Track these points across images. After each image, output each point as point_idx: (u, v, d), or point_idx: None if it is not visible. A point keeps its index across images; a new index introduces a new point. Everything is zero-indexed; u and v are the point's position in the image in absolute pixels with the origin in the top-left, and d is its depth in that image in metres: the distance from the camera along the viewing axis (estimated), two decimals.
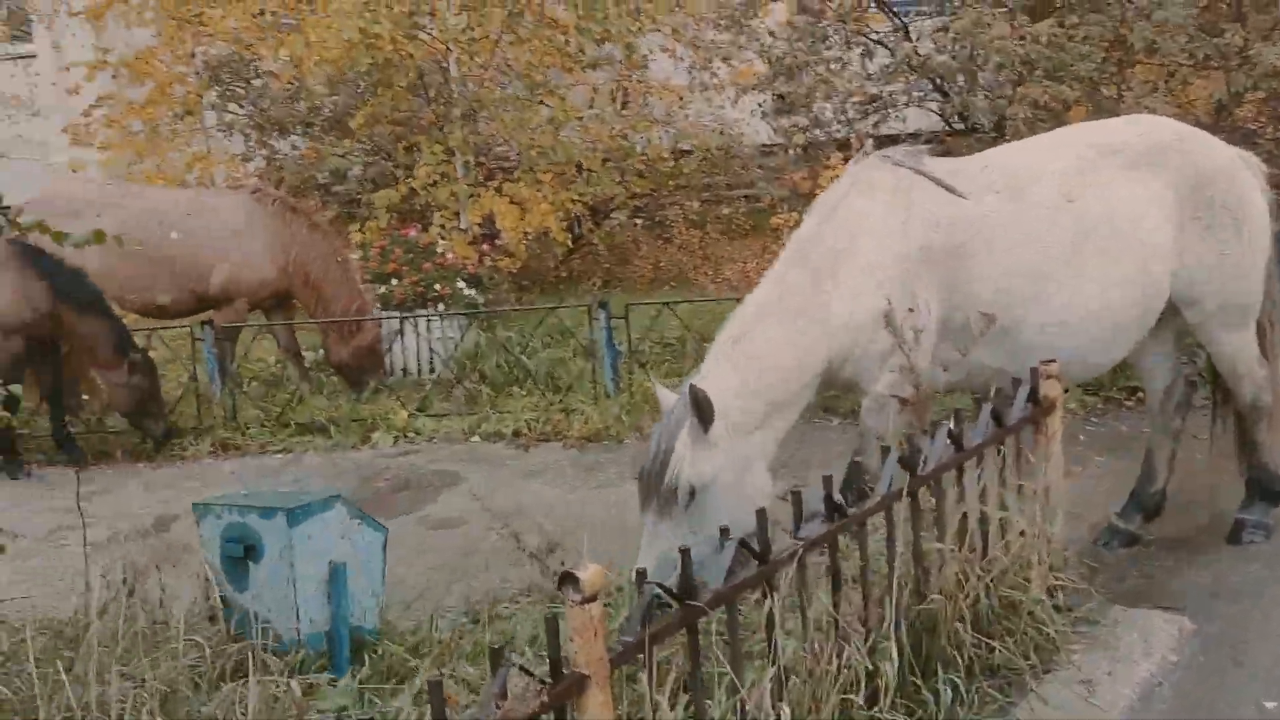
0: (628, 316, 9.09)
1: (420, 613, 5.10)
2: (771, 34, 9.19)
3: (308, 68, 10.91)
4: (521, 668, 2.62)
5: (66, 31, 15.25)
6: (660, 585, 2.96)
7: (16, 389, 5.88)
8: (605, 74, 13.30)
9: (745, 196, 12.90)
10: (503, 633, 4.49)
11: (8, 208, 14.90)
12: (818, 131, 9.97)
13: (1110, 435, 7.40)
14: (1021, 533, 4.37)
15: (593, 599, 2.71)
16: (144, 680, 3.90)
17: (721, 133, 12.92)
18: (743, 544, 3.25)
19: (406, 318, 9.74)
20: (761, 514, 3.34)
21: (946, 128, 9.71)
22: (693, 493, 4.32)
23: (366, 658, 4.44)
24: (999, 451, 4.39)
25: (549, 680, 2.64)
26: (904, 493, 3.80)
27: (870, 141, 10.10)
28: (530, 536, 5.90)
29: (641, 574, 2.97)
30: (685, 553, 3.09)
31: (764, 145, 11.74)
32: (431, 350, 9.88)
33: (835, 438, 7.41)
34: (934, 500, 4.06)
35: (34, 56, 17.44)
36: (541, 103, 11.73)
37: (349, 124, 11.52)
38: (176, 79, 13.66)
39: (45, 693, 3.70)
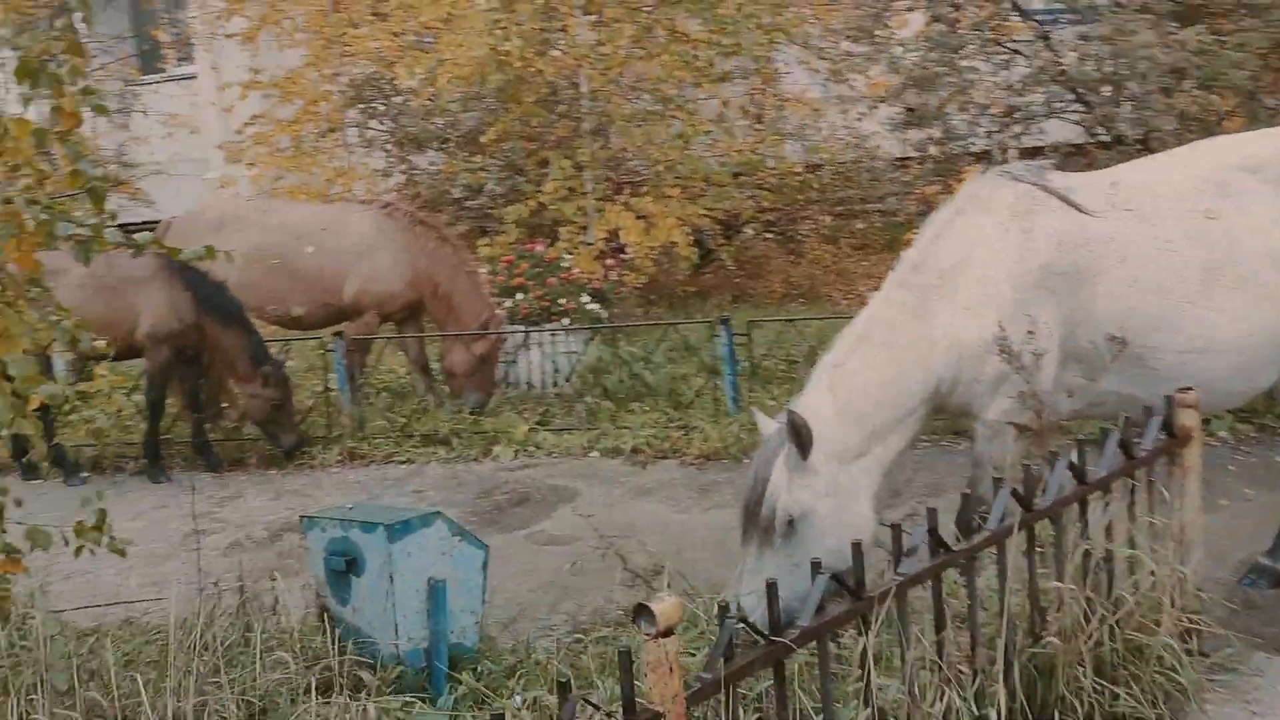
0: (750, 333, 8.94)
1: (524, 632, 5.07)
2: (902, 45, 8.93)
3: (441, 85, 11.09)
4: (590, 703, 2.52)
5: (224, 53, 15.91)
6: (743, 620, 2.83)
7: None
8: (737, 87, 13.20)
9: (879, 211, 12.61)
10: (600, 656, 4.40)
11: (125, 226, 15.61)
12: (954, 144, 9.67)
13: (1264, 466, 6.94)
14: (1152, 572, 4.09)
15: (668, 633, 2.60)
16: (243, 690, 3.96)
17: (856, 146, 12.70)
18: (835, 578, 3.09)
19: (530, 331, 9.79)
20: (857, 546, 3.18)
21: (1090, 139, 9.29)
22: (791, 522, 4.18)
23: (464, 676, 4.42)
24: (1128, 485, 4.11)
25: (621, 717, 2.54)
26: (1016, 527, 3.58)
27: (1013, 153, 9.80)
28: (638, 556, 5.85)
29: (724, 608, 2.85)
30: (771, 586, 2.95)
31: (898, 158, 11.46)
32: (555, 364, 9.90)
33: (965, 463, 7.15)
34: (1053, 535, 3.82)
35: (194, 77, 18.28)
36: (673, 117, 11.69)
37: (482, 140, 11.67)
38: (322, 97, 14.10)
39: (149, 699, 3.77)
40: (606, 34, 11.03)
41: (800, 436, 4.15)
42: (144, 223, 16.06)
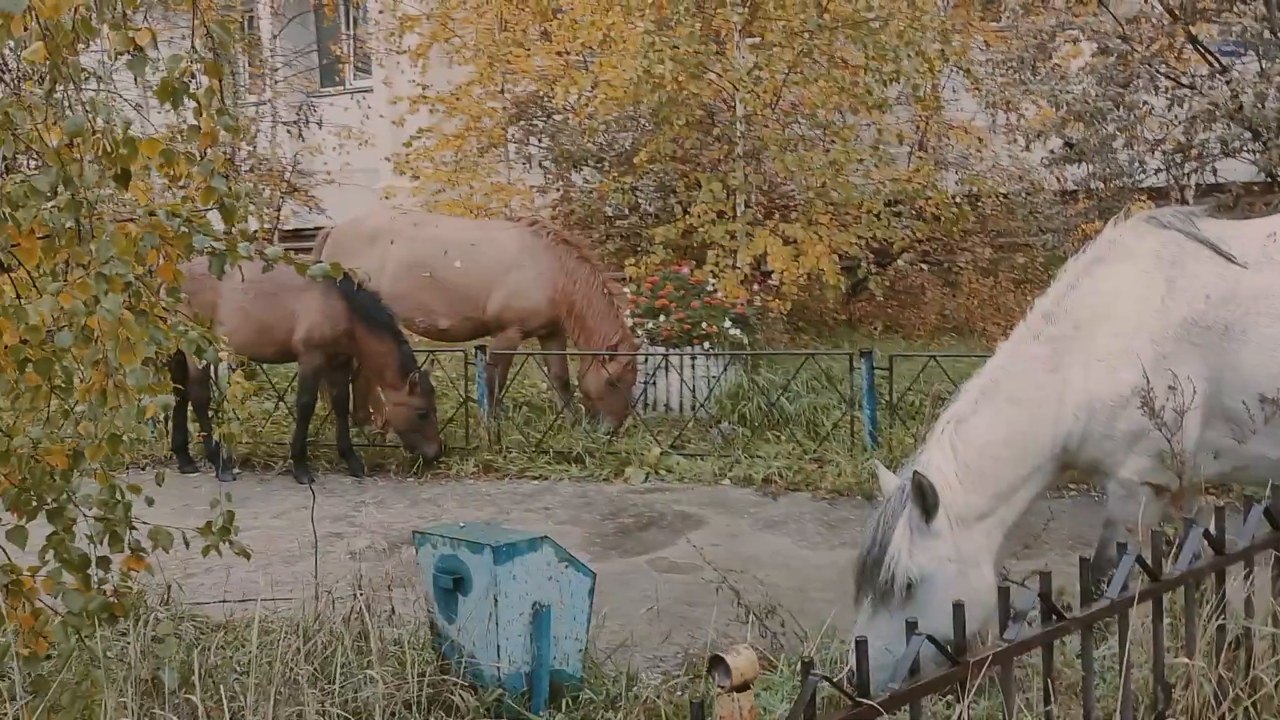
0: (892, 366, 8.72)
1: (633, 661, 5.03)
2: (1063, 78, 8.58)
3: (597, 105, 11.21)
4: None
5: (396, 69, 16.47)
6: (827, 678, 2.72)
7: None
8: (897, 115, 12.96)
9: (1042, 245, 12.19)
10: (700, 695, 4.31)
11: (299, 232, 16.16)
12: (1121, 180, 9.27)
13: None
14: None
15: (744, 688, 2.52)
16: (345, 700, 4.03)
17: (1020, 178, 12.30)
18: (933, 640, 2.95)
19: (669, 354, 9.77)
20: (959, 608, 3.03)
21: (1267, 180, 8.76)
22: (910, 586, 4.04)
23: (565, 703, 4.40)
24: (1271, 558, 3.81)
25: None
26: (1136, 598, 3.35)
27: (1189, 191, 9.33)
28: (756, 592, 5.73)
29: (807, 664, 2.74)
30: (861, 643, 2.83)
31: (1063, 192, 11.06)
32: (693, 388, 9.86)
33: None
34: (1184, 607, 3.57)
35: (370, 91, 18.98)
36: (832, 143, 11.54)
37: (635, 160, 11.75)
38: (486, 113, 14.45)
39: (252, 701, 3.87)
40: (764, 58, 10.97)
41: (925, 500, 4.01)
42: (316, 229, 16.76)
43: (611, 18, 11.10)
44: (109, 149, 3.01)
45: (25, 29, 2.74)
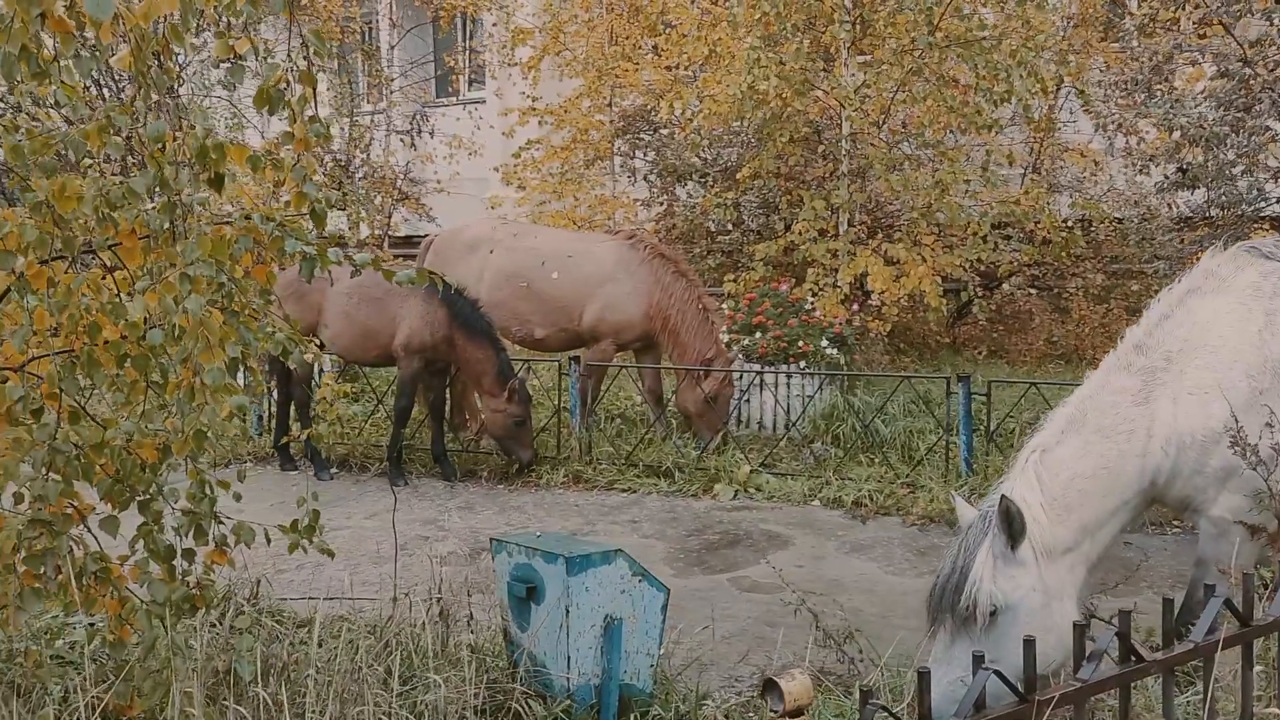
0: (990, 392, 8.53)
1: (708, 680, 5.00)
2: (1178, 101, 8.30)
3: (701, 119, 11.22)
4: None
5: (508, 81, 16.73)
6: (885, 708, 2.66)
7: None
8: (1011, 136, 12.70)
9: (1154, 272, 11.82)
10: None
11: (410, 239, 16.46)
12: (1242, 208, 8.94)
13: None
14: None
15: (798, 714, 2.47)
16: (413, 703, 4.07)
17: (1136, 203, 11.95)
18: (1000, 675, 2.86)
19: (764, 372, 9.71)
20: (1029, 644, 2.94)
21: None
22: (994, 614, 3.92)
23: (634, 718, 4.38)
24: None
25: None
26: (1221, 642, 3.21)
27: None
28: (837, 616, 5.64)
29: (866, 693, 2.68)
30: (924, 675, 2.76)
31: (1181, 219, 10.70)
32: (787, 407, 9.78)
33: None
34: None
35: (483, 102, 19.31)
36: (940, 164, 11.36)
37: (738, 176, 11.72)
38: (593, 126, 14.58)
39: (316, 696, 3.93)
40: (873, 75, 10.86)
41: (1012, 526, 3.90)
42: (426, 236, 17.11)
43: (718, 33, 11.10)
44: (197, 154, 3.10)
45: (116, 35, 2.85)
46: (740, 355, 9.94)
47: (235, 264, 3.80)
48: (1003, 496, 3.98)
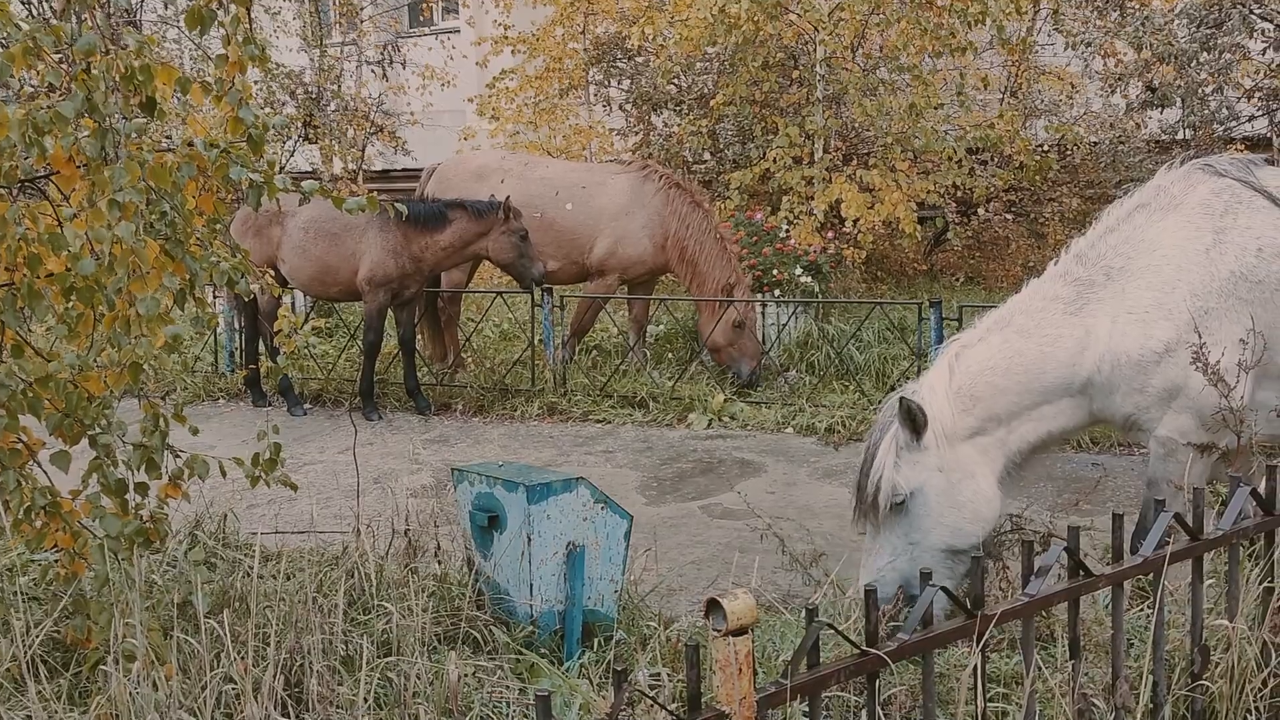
0: (962, 317, 8.50)
1: (676, 605, 5.04)
2: (1148, 19, 8.18)
3: (673, 45, 11.04)
4: (650, 697, 2.42)
5: (480, 9, 16.41)
6: (831, 625, 2.66)
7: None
8: (989, 60, 12.56)
9: (1129, 195, 11.75)
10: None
11: (386, 173, 16.27)
12: (1215, 128, 8.86)
13: None
14: None
15: (741, 632, 2.46)
16: (375, 632, 4.07)
17: (1112, 126, 11.85)
18: (947, 592, 2.87)
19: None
20: (976, 561, 2.94)
21: None
22: (903, 502, 4.12)
23: (597, 642, 4.40)
24: None
25: (683, 716, 2.43)
26: (1168, 556, 3.22)
27: None
28: (806, 540, 5.67)
29: (811, 610, 2.67)
30: (870, 594, 2.76)
31: (1156, 141, 10.62)
32: (762, 336, 9.73)
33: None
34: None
35: (456, 32, 18.98)
36: (913, 87, 11.22)
37: (711, 103, 11.56)
38: (567, 54, 14.34)
39: (277, 630, 3.92)
40: None
41: (914, 420, 4.06)
42: (403, 170, 16.88)
43: None
44: (124, 77, 3.01)
45: None
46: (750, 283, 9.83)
47: (180, 192, 3.73)
48: (902, 398, 4.14)
